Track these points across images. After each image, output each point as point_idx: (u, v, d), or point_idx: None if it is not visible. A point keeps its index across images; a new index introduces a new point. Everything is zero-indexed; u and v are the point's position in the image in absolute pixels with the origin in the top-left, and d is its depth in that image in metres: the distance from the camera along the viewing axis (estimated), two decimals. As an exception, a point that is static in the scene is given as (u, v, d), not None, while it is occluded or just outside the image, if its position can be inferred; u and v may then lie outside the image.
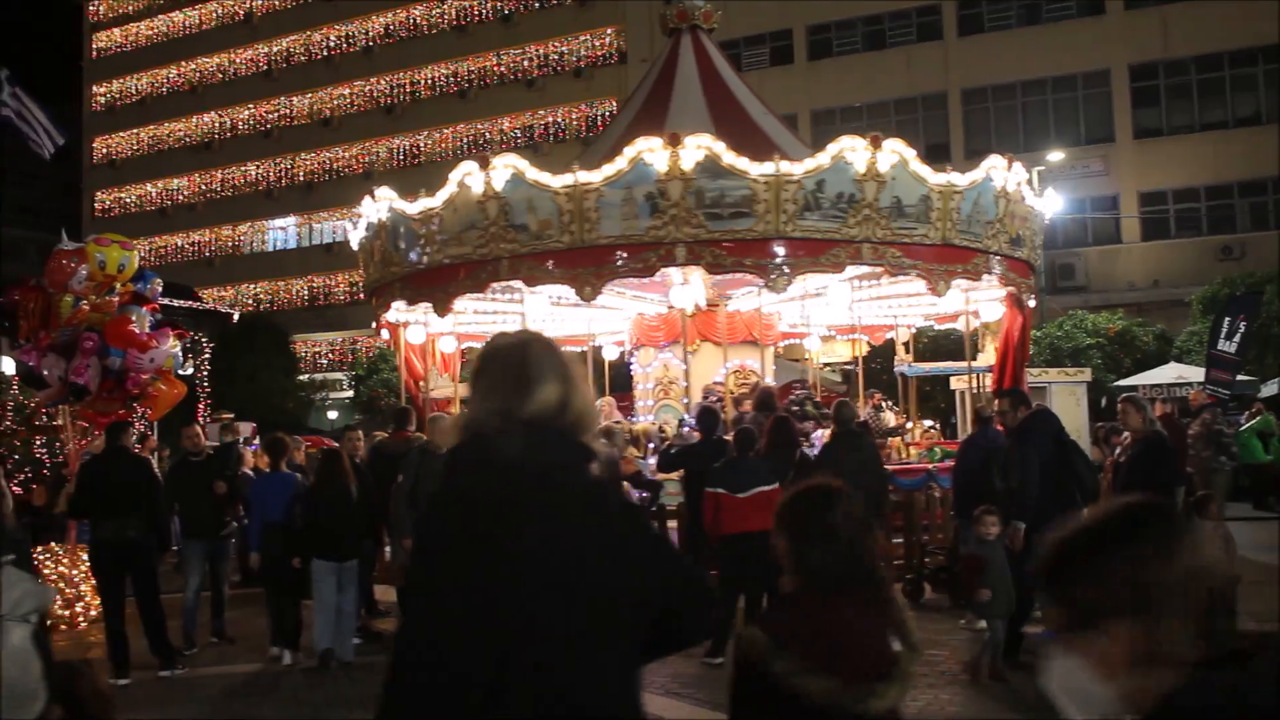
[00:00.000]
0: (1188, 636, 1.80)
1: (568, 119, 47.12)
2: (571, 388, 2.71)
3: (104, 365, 12.55)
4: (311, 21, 53.43)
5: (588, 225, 12.94)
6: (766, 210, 12.86)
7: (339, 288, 51.83)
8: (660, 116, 15.84)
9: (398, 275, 14.89)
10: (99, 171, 60.14)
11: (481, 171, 13.19)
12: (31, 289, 13.31)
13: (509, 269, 13.48)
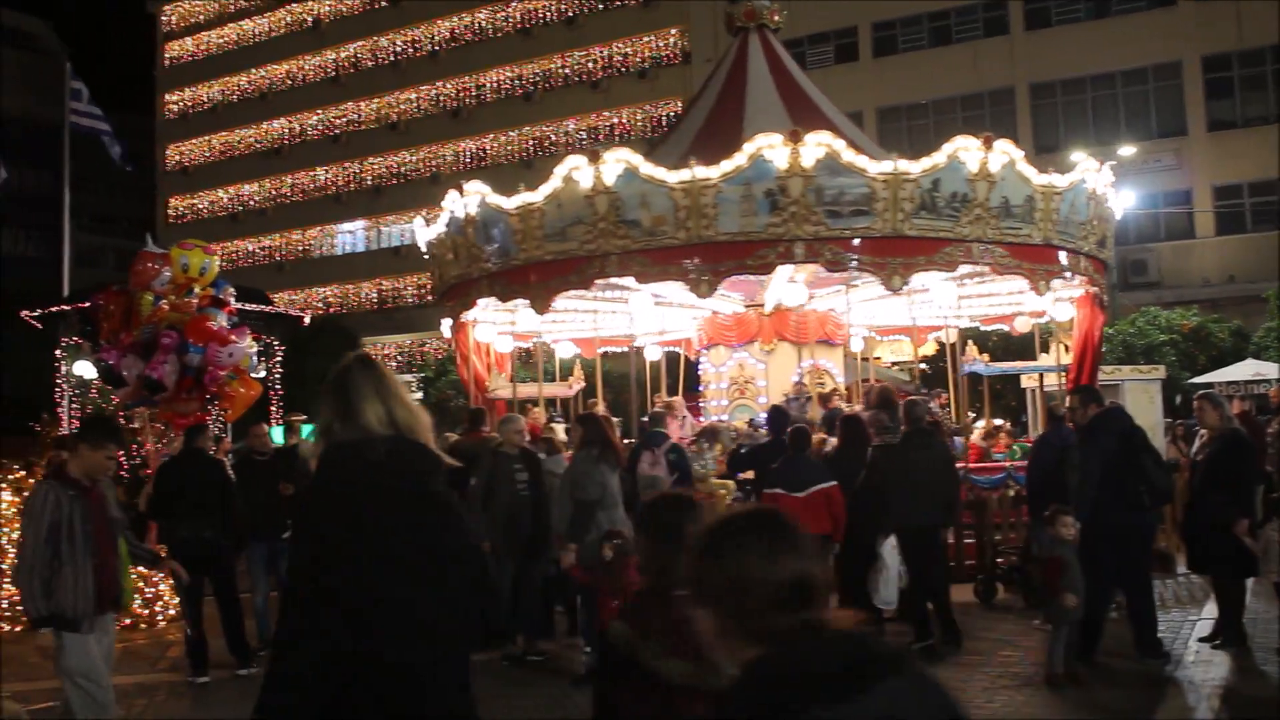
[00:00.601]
0: (749, 623, 2.13)
1: (633, 120, 47.16)
2: (394, 403, 3.36)
3: (183, 362, 12.77)
4: (378, 27, 53.95)
5: (704, 221, 12.85)
6: (885, 208, 12.86)
7: (407, 290, 52.26)
8: (736, 116, 15.75)
9: (488, 272, 14.71)
10: (172, 178, 61.14)
11: (591, 166, 13.03)
12: (114, 293, 13.66)
13: (618, 265, 13.37)
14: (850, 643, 2.11)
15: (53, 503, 6.06)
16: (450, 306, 16.15)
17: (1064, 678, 8.38)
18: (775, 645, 2.09)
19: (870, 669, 2.03)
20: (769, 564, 2.16)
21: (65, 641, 6.19)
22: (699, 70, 40.02)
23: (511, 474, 10.11)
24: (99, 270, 60.28)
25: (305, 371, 32.30)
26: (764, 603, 2.13)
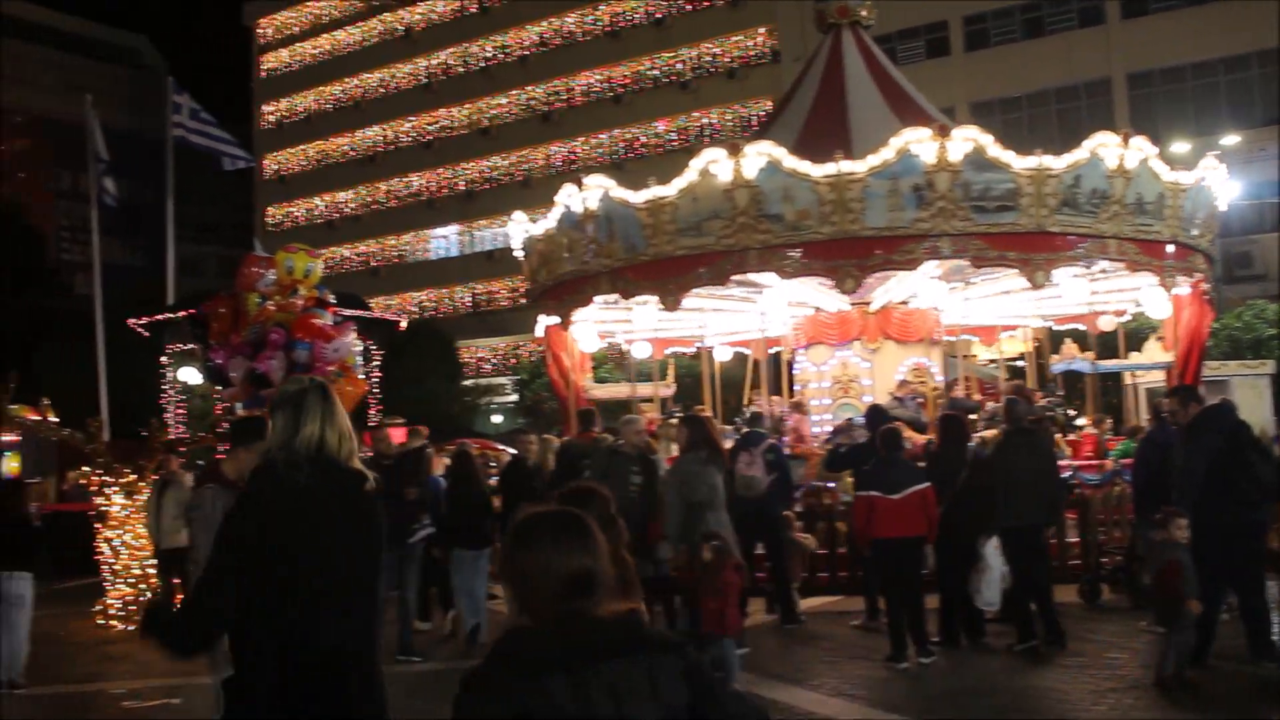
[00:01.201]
0: (533, 602, 2.51)
1: (722, 120, 47.06)
2: (329, 428, 3.91)
3: (290, 359, 13.01)
4: (468, 34, 54.47)
5: (850, 216, 12.82)
6: (1030, 204, 12.83)
7: (500, 294, 52.68)
8: (840, 113, 15.67)
9: (608, 268, 14.52)
10: (270, 187, 62.30)
11: (730, 159, 12.96)
12: (222, 298, 14.01)
13: (758, 260, 13.30)
14: (598, 628, 2.46)
15: (220, 505, 5.87)
16: (558, 304, 15.89)
17: (1174, 681, 8.19)
18: (542, 622, 2.49)
19: (604, 652, 2.41)
20: (557, 558, 2.52)
21: None
22: (788, 69, 39.82)
23: (626, 474, 10.01)
24: (201, 278, 61.63)
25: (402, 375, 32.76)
26: (547, 588, 2.50)
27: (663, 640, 2.54)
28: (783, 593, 11.66)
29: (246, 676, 3.72)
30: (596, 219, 14.32)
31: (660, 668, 2.44)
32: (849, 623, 11.34)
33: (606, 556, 2.60)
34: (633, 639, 2.48)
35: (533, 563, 2.55)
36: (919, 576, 9.64)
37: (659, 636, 2.57)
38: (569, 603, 2.49)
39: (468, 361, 49.61)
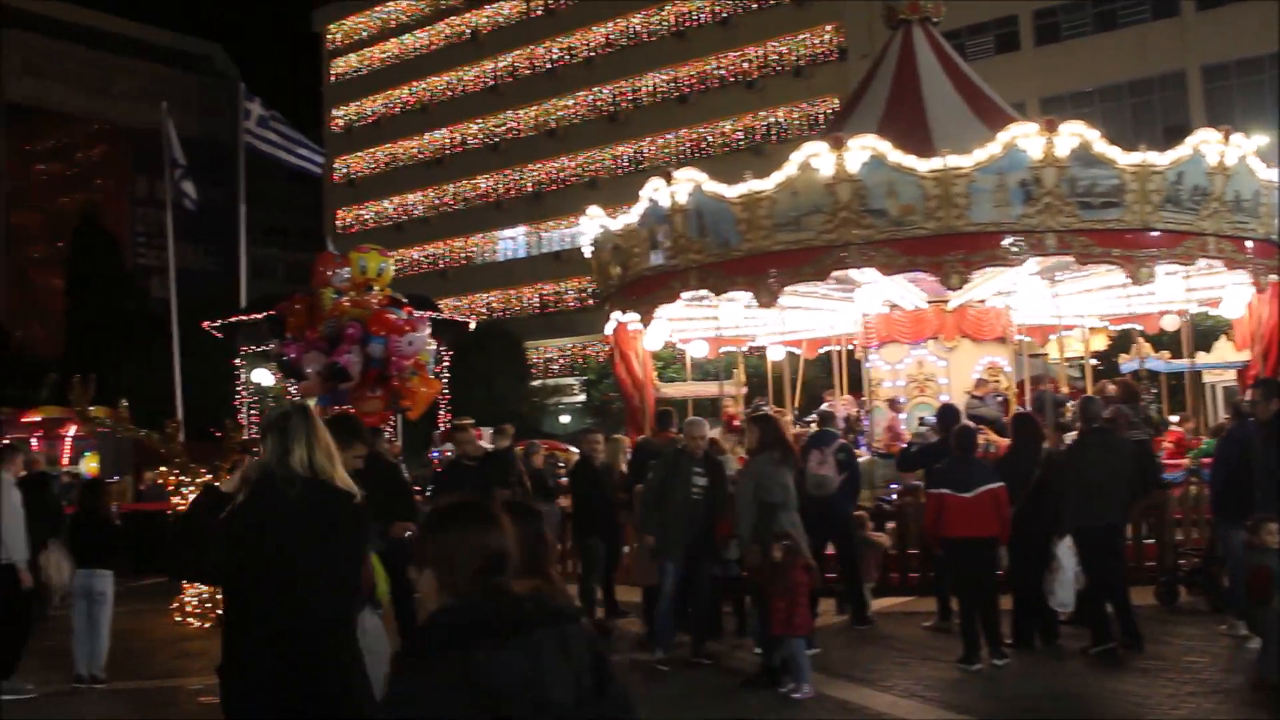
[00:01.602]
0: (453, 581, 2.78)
1: (789, 119, 46.88)
2: (316, 448, 4.47)
3: (366, 353, 13.15)
4: (534, 36, 54.72)
5: (956, 211, 12.66)
6: (1134, 200, 12.69)
7: (569, 294, 52.86)
8: (917, 110, 15.41)
9: (697, 263, 14.22)
10: (339, 190, 63.00)
11: (833, 153, 12.77)
12: (299, 296, 14.20)
13: (859, 256, 13.08)
14: (516, 602, 2.74)
15: None
16: (638, 301, 15.57)
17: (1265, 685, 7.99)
18: (464, 598, 2.75)
19: (523, 622, 2.67)
20: (477, 538, 2.84)
21: None
22: (855, 67, 39.57)
23: (689, 476, 9.87)
24: (271, 281, 62.46)
25: (470, 376, 32.99)
26: (469, 565, 2.79)
27: (569, 611, 2.85)
28: (853, 593, 11.57)
29: (243, 666, 4.33)
30: (686, 213, 14.05)
31: (570, 636, 2.73)
32: (920, 624, 11.23)
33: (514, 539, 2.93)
34: (545, 610, 2.75)
35: (456, 544, 2.85)
36: (992, 577, 9.53)
37: (566, 608, 2.90)
38: (488, 578, 2.79)
39: (535, 362, 49.85)
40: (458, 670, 2.56)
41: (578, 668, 2.69)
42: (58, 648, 10.70)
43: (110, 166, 70.37)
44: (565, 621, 2.75)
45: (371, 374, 13.35)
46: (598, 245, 16.39)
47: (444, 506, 3.03)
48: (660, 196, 14.34)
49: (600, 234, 16.17)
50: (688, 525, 9.79)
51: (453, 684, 2.55)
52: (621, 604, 12.43)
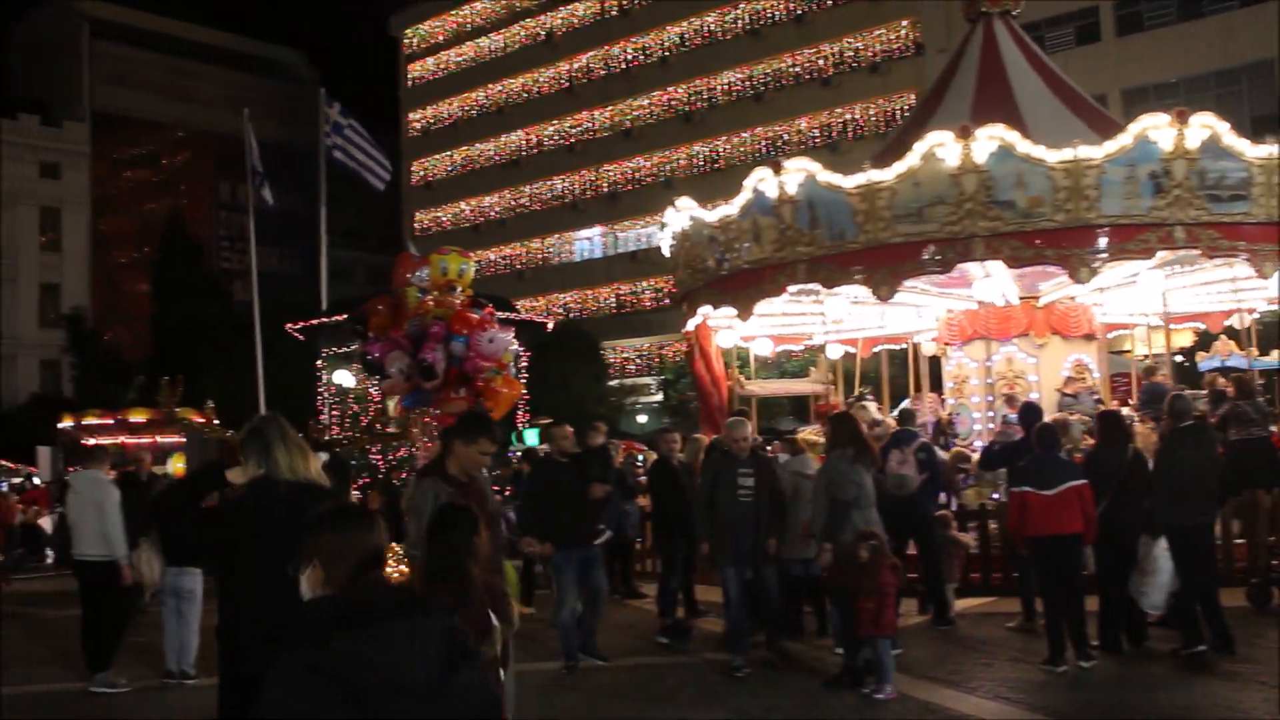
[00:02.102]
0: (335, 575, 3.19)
1: (865, 116, 46.53)
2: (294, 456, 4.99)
3: (449, 352, 13.28)
4: (609, 37, 54.85)
5: (1085, 203, 12.51)
6: (1261, 194, 12.54)
7: (645, 294, 52.92)
8: (1008, 103, 15.10)
9: (806, 256, 13.87)
10: (417, 193, 63.63)
11: (958, 143, 12.60)
12: (382, 297, 14.39)
13: (984, 248, 12.94)
14: (379, 595, 3.07)
15: (433, 497, 5.87)
16: (735, 295, 15.07)
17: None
18: (341, 590, 3.14)
19: (377, 615, 2.96)
20: (355, 539, 3.25)
21: None
22: (932, 62, 39.18)
23: (735, 478, 9.60)
24: (350, 284, 63.23)
25: (548, 376, 33.17)
26: (352, 561, 3.20)
27: (429, 607, 3.12)
28: (936, 593, 11.46)
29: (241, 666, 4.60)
30: (796, 204, 13.73)
31: (422, 627, 2.99)
32: (1004, 624, 11.10)
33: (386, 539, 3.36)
34: (402, 603, 3.05)
35: (340, 543, 3.24)
36: (1078, 576, 9.37)
37: (424, 601, 3.15)
38: (366, 572, 3.19)
39: (612, 362, 49.97)
40: (318, 658, 2.88)
41: (427, 655, 2.95)
42: (149, 644, 10.93)
43: (194, 172, 71.62)
44: (419, 614, 3.03)
45: (453, 373, 13.46)
46: (687, 238, 16.07)
47: (328, 510, 3.48)
48: (767, 187, 14.00)
49: (690, 226, 15.84)
50: (738, 529, 9.53)
51: (314, 670, 2.87)
52: (701, 604, 12.42)
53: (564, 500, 9.96)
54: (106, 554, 9.97)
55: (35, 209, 64.07)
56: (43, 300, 63.86)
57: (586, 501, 10.21)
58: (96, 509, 9.98)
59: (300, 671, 2.87)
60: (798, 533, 10.35)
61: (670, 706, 8.61)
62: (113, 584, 10.03)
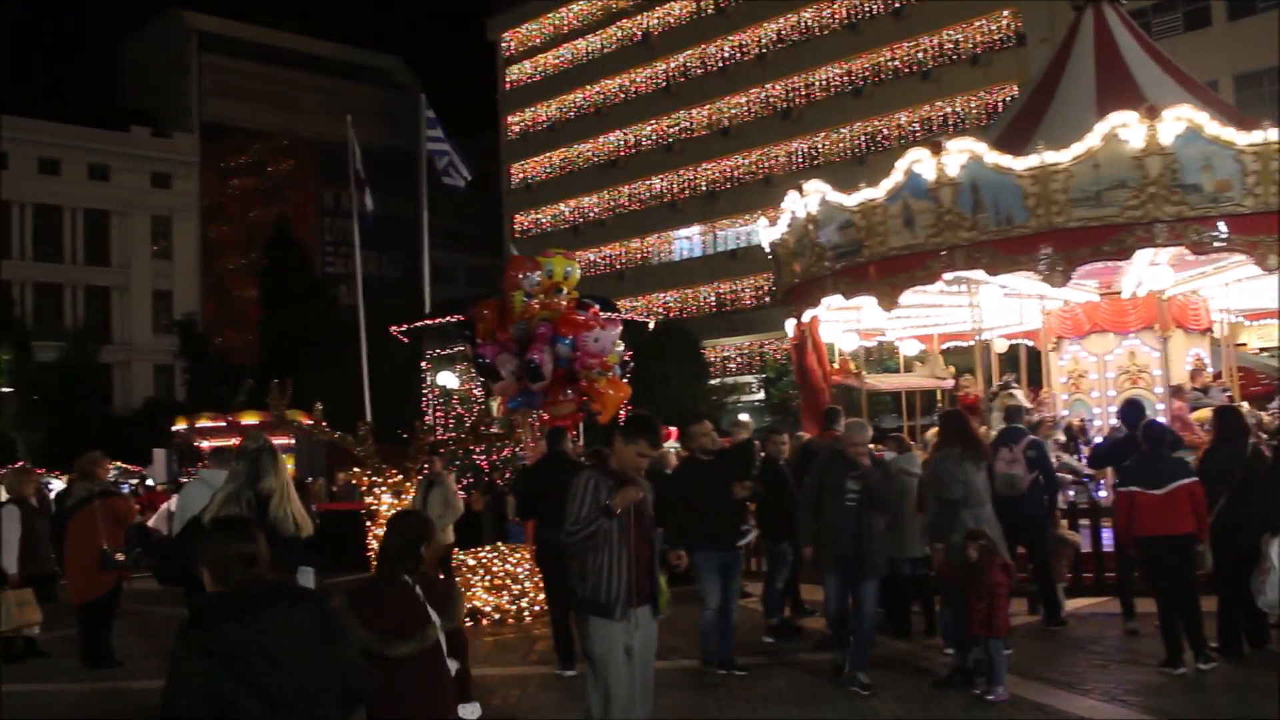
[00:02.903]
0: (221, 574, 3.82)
1: (966, 108, 45.85)
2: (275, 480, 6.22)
3: (555, 353, 13.39)
4: (706, 35, 54.76)
5: (1275, 189, 12.19)
6: None
7: (745, 292, 52.76)
8: (1133, 91, 14.64)
9: (967, 241, 13.38)
10: (517, 195, 64.15)
11: (1143, 124, 12.23)
12: (489, 300, 14.56)
13: (1168, 233, 12.51)
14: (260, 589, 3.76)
15: (592, 488, 5.98)
16: (878, 283, 14.42)
17: None
18: (227, 587, 3.79)
19: (257, 604, 3.66)
20: (235, 548, 3.88)
21: (592, 627, 6.04)
22: (1034, 52, 38.52)
23: (843, 482, 8.92)
24: (452, 286, 63.93)
25: (649, 376, 33.23)
26: (231, 566, 3.83)
27: (300, 594, 3.88)
28: (1046, 593, 11.24)
29: None
30: (957, 187, 13.24)
31: (298, 613, 3.72)
32: (1117, 625, 10.86)
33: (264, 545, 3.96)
34: (280, 594, 3.77)
35: (222, 550, 3.89)
36: (1191, 577, 9.10)
37: (298, 591, 3.92)
38: (245, 571, 3.82)
39: (712, 361, 49.90)
40: (210, 639, 3.58)
41: (297, 635, 3.65)
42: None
43: (299, 179, 72.97)
44: (295, 601, 3.76)
45: (560, 374, 13.56)
46: (812, 221, 15.39)
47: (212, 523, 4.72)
48: (924, 169, 13.47)
49: (819, 210, 15.11)
50: (840, 533, 8.91)
51: (207, 654, 3.55)
52: (808, 603, 12.33)
53: (706, 501, 9.54)
54: None
55: (147, 218, 65.89)
56: (155, 307, 65.63)
57: (729, 501, 9.78)
58: None
59: (194, 651, 3.58)
60: (906, 532, 10.24)
61: (777, 706, 8.56)
62: None
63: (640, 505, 6.14)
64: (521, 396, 13.95)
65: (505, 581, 13.06)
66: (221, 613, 3.64)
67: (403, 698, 4.91)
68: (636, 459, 6.13)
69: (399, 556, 5.23)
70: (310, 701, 3.62)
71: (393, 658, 4.92)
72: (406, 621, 5.03)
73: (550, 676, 9.87)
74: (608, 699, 6.01)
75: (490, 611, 12.93)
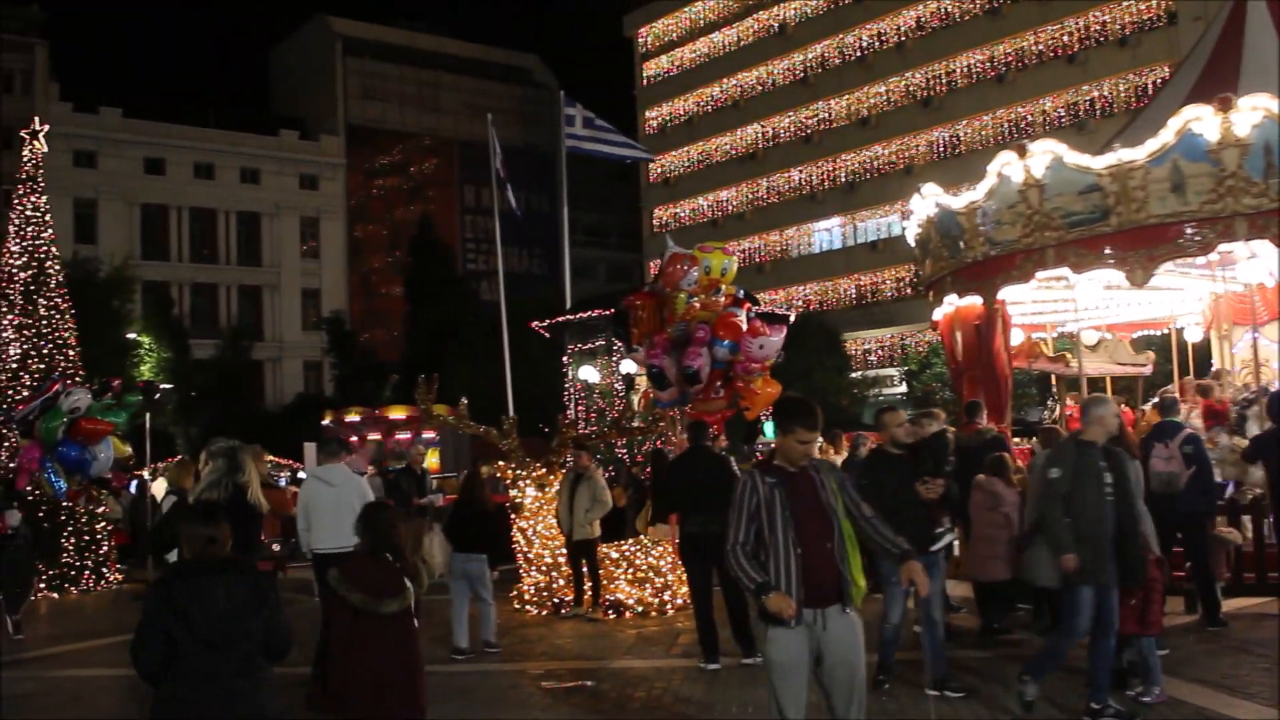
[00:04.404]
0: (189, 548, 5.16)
1: (1114, 92, 44.59)
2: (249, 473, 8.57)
3: (713, 356, 13.36)
4: (844, 24, 54.21)
5: None
6: None
7: (886, 284, 52.15)
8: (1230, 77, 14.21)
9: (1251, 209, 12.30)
10: (655, 190, 64.34)
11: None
12: (644, 295, 14.53)
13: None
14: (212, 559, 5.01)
15: (750, 489, 5.67)
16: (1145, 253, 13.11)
17: None
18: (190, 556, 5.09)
19: (203, 571, 4.93)
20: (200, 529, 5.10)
21: (768, 633, 5.64)
22: (1187, 31, 37.24)
23: (1099, 472, 7.68)
24: (591, 281, 64.55)
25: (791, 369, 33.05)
26: (195, 541, 5.08)
27: (240, 566, 5.16)
28: (1205, 592, 10.86)
29: None
30: (1246, 149, 12.16)
31: (237, 581, 4.97)
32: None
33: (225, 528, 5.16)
34: (226, 566, 5.05)
35: (193, 529, 5.14)
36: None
37: (240, 564, 5.18)
38: (205, 548, 5.06)
39: (853, 354, 49.44)
40: (166, 594, 4.90)
41: (232, 596, 4.90)
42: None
43: (441, 178, 74.28)
44: (234, 572, 5.02)
45: (716, 374, 13.54)
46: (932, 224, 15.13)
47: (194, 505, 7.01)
48: (1205, 128, 12.25)
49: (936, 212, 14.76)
50: (1103, 533, 7.65)
51: (163, 601, 4.88)
52: (954, 599, 12.12)
53: (895, 499, 8.33)
54: None
55: (296, 219, 67.83)
56: (304, 305, 67.55)
57: (920, 500, 8.75)
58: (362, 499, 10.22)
59: (156, 600, 4.90)
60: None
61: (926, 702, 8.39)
62: None
63: (816, 496, 5.65)
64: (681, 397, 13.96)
65: (648, 574, 13.12)
66: (179, 575, 5.06)
67: (389, 641, 6.51)
68: (798, 447, 5.71)
69: (380, 540, 6.69)
70: (235, 646, 4.87)
71: (383, 613, 6.47)
72: (388, 587, 6.53)
73: (694, 670, 9.87)
74: (783, 707, 5.60)
75: (633, 604, 13.00)
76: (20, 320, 19.04)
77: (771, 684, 5.65)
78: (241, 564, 5.20)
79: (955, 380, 16.72)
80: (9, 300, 19.22)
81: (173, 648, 4.79)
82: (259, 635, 4.94)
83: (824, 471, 5.78)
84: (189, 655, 4.79)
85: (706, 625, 9.96)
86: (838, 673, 5.60)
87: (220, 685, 4.83)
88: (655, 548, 13.43)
